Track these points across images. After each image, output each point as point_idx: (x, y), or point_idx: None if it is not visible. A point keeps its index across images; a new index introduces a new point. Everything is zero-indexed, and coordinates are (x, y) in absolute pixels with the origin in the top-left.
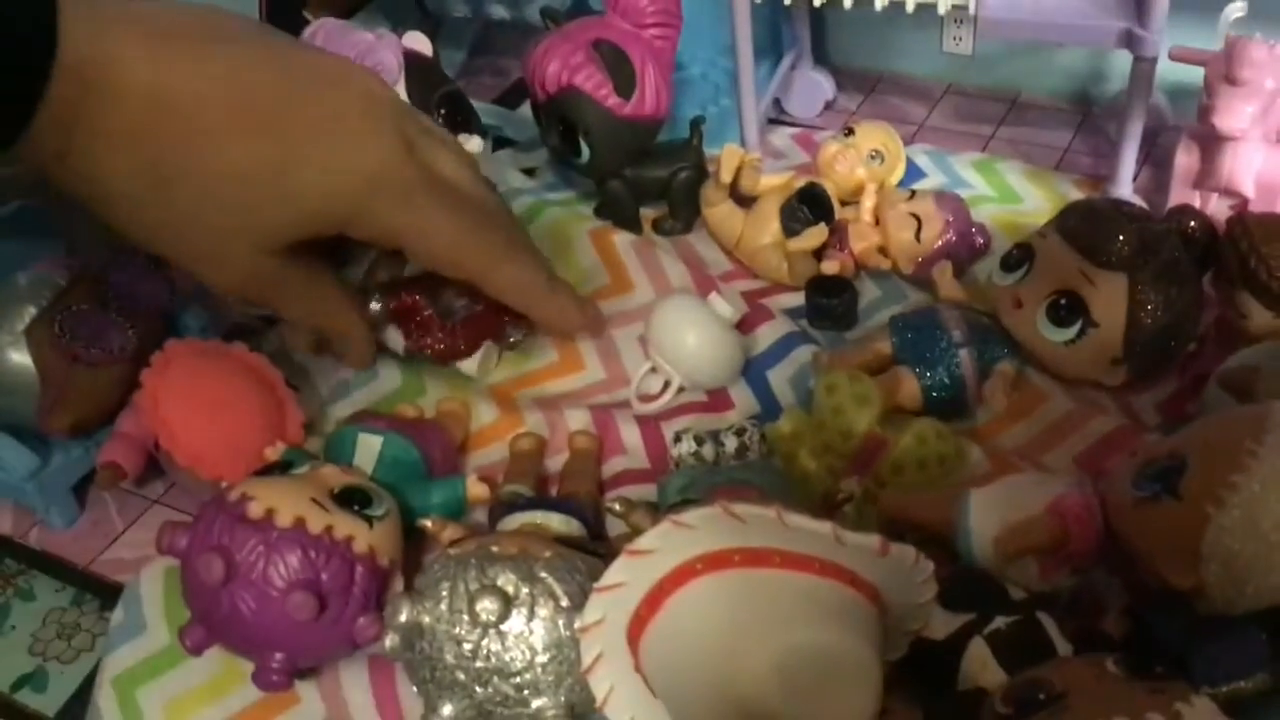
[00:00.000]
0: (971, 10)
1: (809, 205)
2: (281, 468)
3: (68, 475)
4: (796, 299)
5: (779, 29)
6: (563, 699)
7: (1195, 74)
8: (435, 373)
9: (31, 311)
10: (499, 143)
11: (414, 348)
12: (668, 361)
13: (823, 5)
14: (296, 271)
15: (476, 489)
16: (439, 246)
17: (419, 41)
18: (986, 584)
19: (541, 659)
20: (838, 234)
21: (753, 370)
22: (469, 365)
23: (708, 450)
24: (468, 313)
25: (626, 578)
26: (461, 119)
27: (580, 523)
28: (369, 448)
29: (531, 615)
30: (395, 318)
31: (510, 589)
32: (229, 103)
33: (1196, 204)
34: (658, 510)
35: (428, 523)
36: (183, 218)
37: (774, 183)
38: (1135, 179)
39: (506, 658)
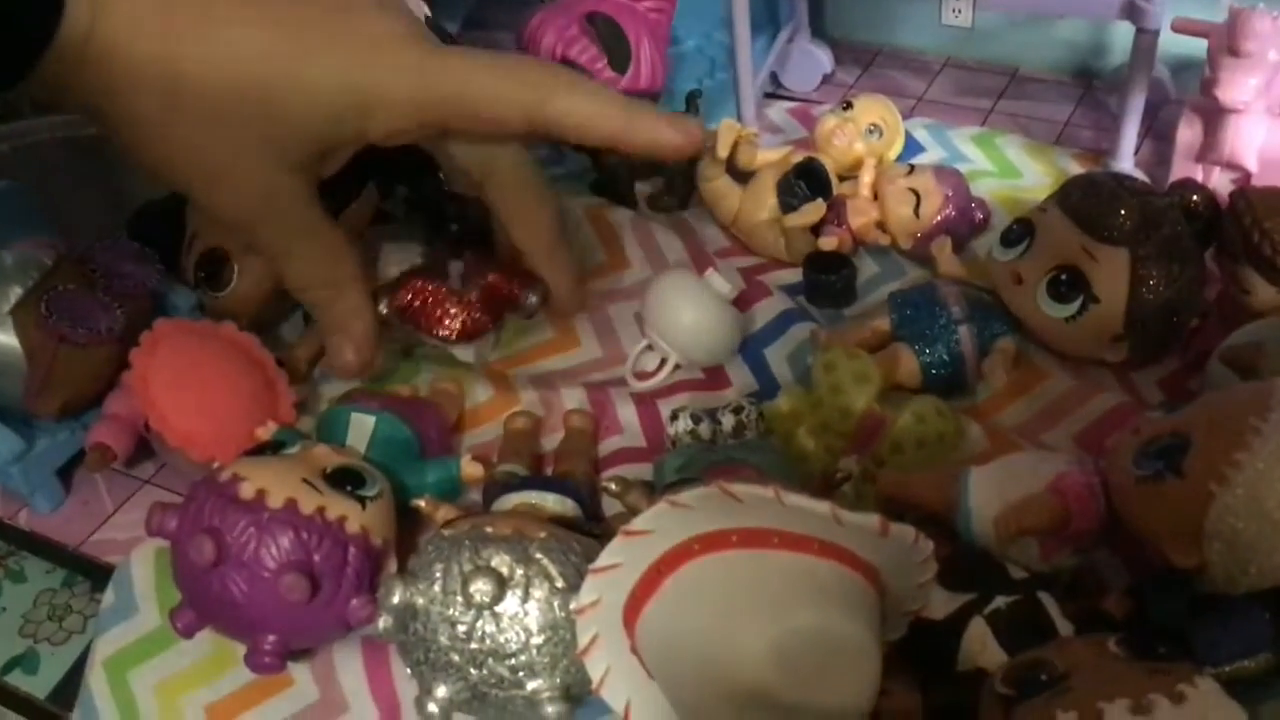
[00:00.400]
0: None
1: (806, 180)
2: (273, 448)
3: (52, 459)
4: (794, 276)
5: (776, 1)
6: (558, 681)
7: (1198, 46)
8: (429, 352)
9: (17, 292)
10: None
11: (433, 337)
12: (664, 339)
13: None
14: (313, 210)
15: (471, 469)
16: (479, 90)
17: (414, 4)
18: (987, 564)
19: (536, 640)
20: (836, 209)
21: (750, 348)
22: (465, 352)
23: (705, 429)
24: (480, 284)
25: (622, 559)
26: None
27: (576, 503)
28: (362, 427)
29: (526, 596)
30: (405, 315)
31: (505, 570)
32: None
33: (1199, 178)
34: (654, 490)
35: (421, 503)
36: (197, 125)
37: (771, 158)
38: (1137, 153)
39: (501, 639)
